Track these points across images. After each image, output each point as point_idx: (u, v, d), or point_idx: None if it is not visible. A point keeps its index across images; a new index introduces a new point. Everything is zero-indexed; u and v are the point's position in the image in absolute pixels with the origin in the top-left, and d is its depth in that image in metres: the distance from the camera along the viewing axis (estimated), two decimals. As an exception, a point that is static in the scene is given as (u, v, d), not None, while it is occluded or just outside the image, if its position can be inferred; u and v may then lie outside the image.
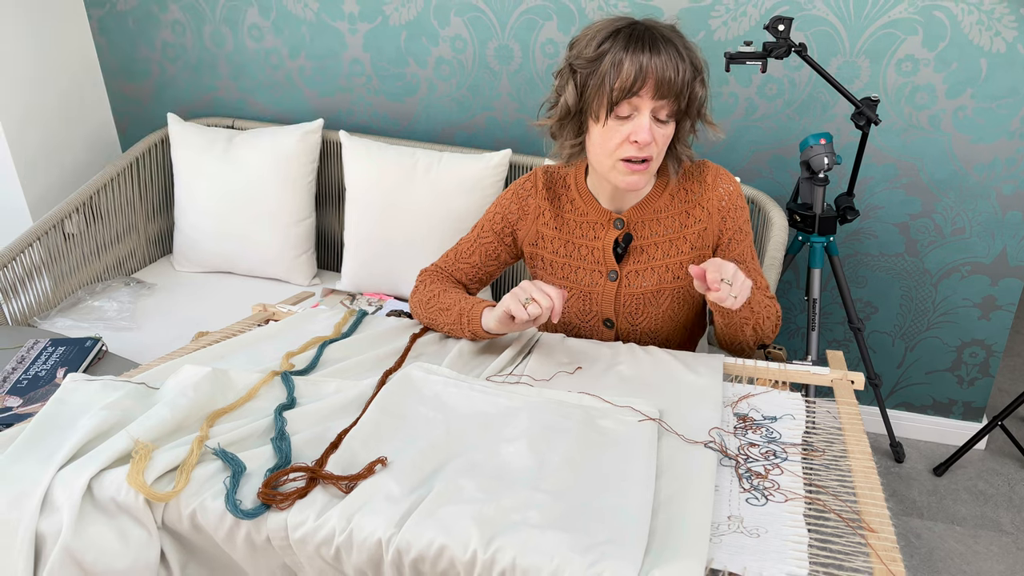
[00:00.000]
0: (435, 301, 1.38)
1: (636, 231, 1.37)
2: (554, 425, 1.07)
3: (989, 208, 2.08)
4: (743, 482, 1.00)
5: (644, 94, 1.18)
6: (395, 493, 0.91)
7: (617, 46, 1.18)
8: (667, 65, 1.17)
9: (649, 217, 1.36)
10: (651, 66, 1.16)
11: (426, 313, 1.40)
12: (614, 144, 1.23)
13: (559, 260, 1.41)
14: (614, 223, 1.37)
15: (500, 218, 1.44)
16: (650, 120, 1.20)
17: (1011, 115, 1.97)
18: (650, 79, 1.17)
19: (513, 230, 1.44)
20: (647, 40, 1.18)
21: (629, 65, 1.17)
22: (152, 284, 2.32)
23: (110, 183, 2.33)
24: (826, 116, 2.08)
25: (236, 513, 0.88)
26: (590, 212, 1.38)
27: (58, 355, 1.77)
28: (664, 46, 1.17)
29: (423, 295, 1.42)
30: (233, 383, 1.14)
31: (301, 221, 2.31)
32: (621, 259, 1.37)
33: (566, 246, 1.40)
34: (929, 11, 1.91)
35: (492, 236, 1.46)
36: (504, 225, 1.44)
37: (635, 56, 1.17)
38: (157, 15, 2.45)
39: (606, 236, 1.37)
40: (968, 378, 2.31)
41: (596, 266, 1.38)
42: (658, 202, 1.36)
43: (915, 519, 2.11)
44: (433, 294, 1.40)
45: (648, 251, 1.37)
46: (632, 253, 1.37)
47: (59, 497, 0.90)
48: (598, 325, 1.42)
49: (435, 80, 2.31)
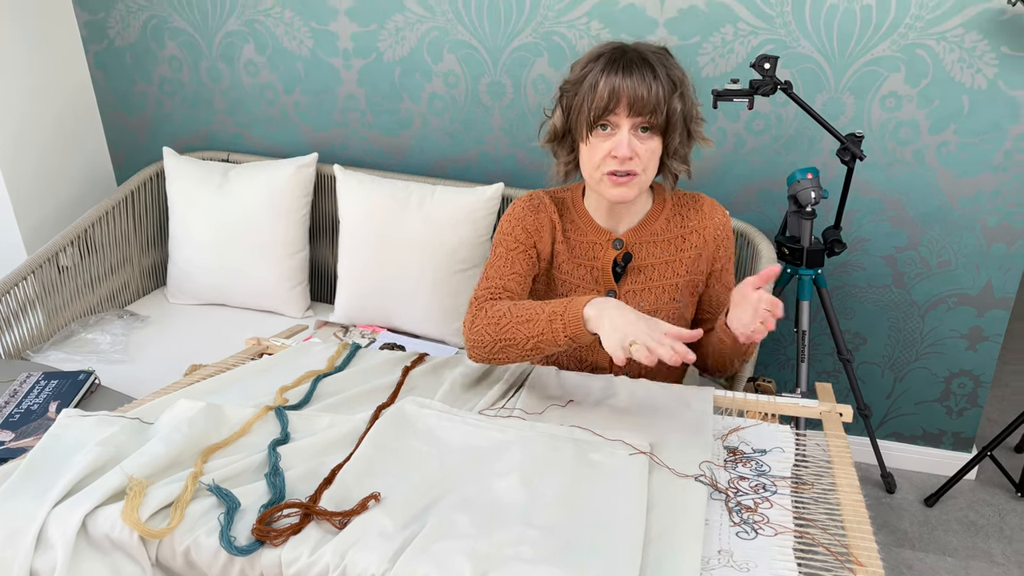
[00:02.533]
0: (508, 316, 1.26)
1: (634, 252, 1.40)
2: (546, 459, 1.08)
3: (974, 240, 2.11)
4: (733, 516, 1.01)
5: (620, 112, 1.25)
6: (388, 529, 0.91)
7: (596, 69, 1.26)
8: (639, 84, 1.23)
9: (647, 239, 1.41)
10: (623, 86, 1.23)
11: (498, 333, 1.27)
12: (598, 159, 1.29)
13: (560, 276, 1.44)
14: (613, 243, 1.40)
15: (520, 230, 1.40)
16: (629, 135, 1.26)
17: (993, 150, 2.01)
18: (623, 98, 1.24)
19: (535, 241, 1.41)
20: (623, 62, 1.25)
21: (603, 86, 1.24)
22: (146, 316, 2.32)
23: (105, 216, 2.34)
24: (813, 151, 2.12)
25: (230, 550, 0.88)
26: (589, 232, 1.42)
27: (51, 388, 1.77)
28: (639, 66, 1.24)
29: (490, 317, 1.29)
30: (227, 418, 1.15)
31: (295, 254, 2.32)
32: (619, 278, 1.40)
33: (568, 262, 1.43)
34: (911, 49, 1.96)
35: (519, 247, 1.40)
36: (526, 235, 1.40)
37: (609, 78, 1.24)
38: (155, 51, 2.49)
39: (605, 255, 1.40)
40: (957, 408, 2.32)
41: (595, 285, 1.42)
42: (655, 224, 1.41)
43: (907, 550, 2.11)
44: (503, 311, 1.28)
45: (646, 272, 1.41)
46: (630, 273, 1.41)
47: (53, 534, 0.90)
48: (594, 344, 1.44)
49: (428, 115, 2.34)
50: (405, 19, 2.24)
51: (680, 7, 2.05)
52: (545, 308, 1.22)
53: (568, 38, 2.15)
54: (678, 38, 2.08)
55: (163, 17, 2.43)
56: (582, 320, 1.18)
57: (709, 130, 2.16)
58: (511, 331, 1.25)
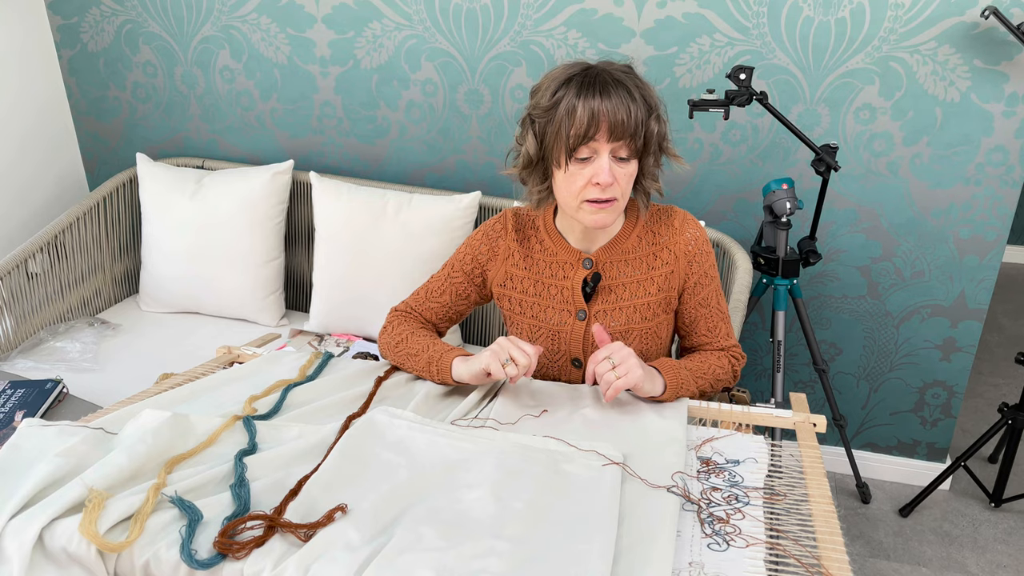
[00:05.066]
0: (403, 345, 1.40)
1: (604, 271, 1.38)
2: (518, 470, 1.06)
3: (947, 252, 2.13)
4: (705, 527, 1.00)
5: (600, 137, 1.21)
6: (354, 541, 0.90)
7: (570, 93, 1.22)
8: (619, 108, 1.20)
9: (617, 258, 1.38)
10: (603, 110, 1.20)
11: (395, 356, 1.42)
12: (578, 187, 1.25)
13: (528, 299, 1.42)
14: (583, 262, 1.38)
15: (470, 259, 1.45)
16: (609, 161, 1.23)
17: (966, 162, 2.03)
18: (603, 123, 1.20)
19: (483, 271, 1.45)
20: (598, 85, 1.21)
21: (582, 111, 1.20)
22: (117, 324, 2.29)
23: (76, 222, 2.31)
24: (788, 161, 2.13)
25: (191, 563, 0.86)
26: (559, 252, 1.40)
27: (17, 397, 1.74)
28: (615, 89, 1.21)
29: (392, 337, 1.43)
30: (194, 428, 1.13)
31: (270, 262, 2.30)
32: (590, 299, 1.39)
33: (535, 285, 1.41)
34: (885, 62, 1.98)
35: (462, 276, 1.46)
36: (474, 266, 1.45)
37: (587, 102, 1.20)
38: (128, 56, 2.46)
39: (575, 275, 1.39)
40: (931, 419, 2.34)
41: (565, 305, 1.39)
42: (626, 243, 1.38)
43: (882, 560, 2.11)
44: (402, 337, 1.41)
45: (616, 291, 1.38)
46: (601, 293, 1.39)
47: (9, 547, 0.88)
48: (566, 365, 1.43)
49: (406, 123, 2.33)
50: (383, 27, 2.23)
51: (657, 18, 2.06)
52: (427, 351, 1.36)
53: (546, 47, 2.15)
54: (655, 48, 2.09)
55: (138, 22, 2.41)
56: (451, 375, 1.32)
57: (686, 140, 2.16)
58: (403, 359, 1.40)
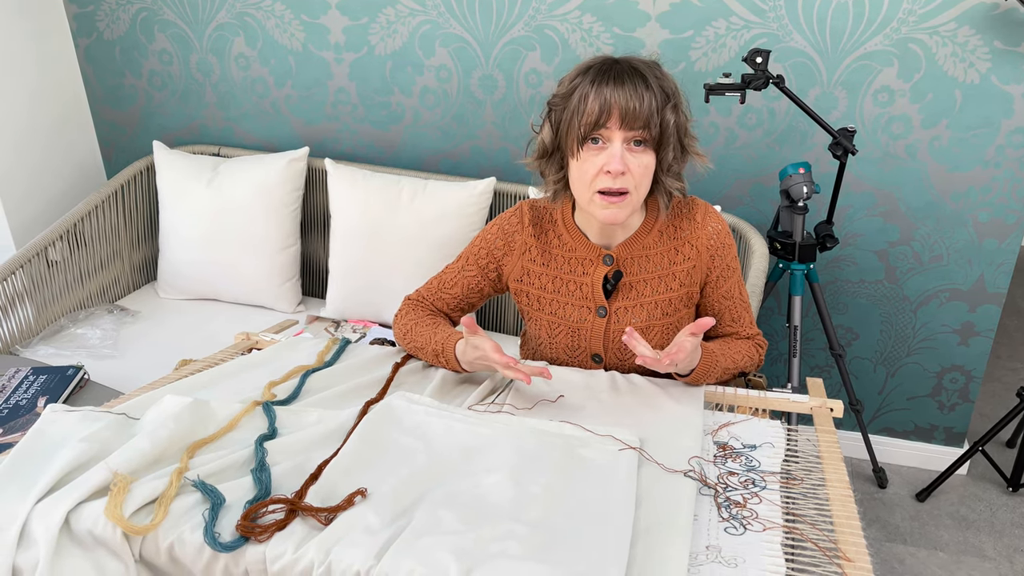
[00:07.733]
0: (411, 335, 1.41)
1: (625, 267, 1.36)
2: (535, 455, 1.07)
3: (966, 236, 2.11)
4: (722, 511, 1.00)
5: (612, 125, 1.21)
6: (374, 525, 0.91)
7: (585, 82, 1.22)
8: (631, 96, 1.19)
9: (638, 253, 1.36)
10: (614, 98, 1.19)
11: (407, 345, 1.43)
12: (590, 176, 1.24)
13: (547, 296, 1.40)
14: (603, 259, 1.36)
15: (485, 252, 1.44)
16: (622, 149, 1.21)
17: (985, 144, 2.01)
18: (615, 110, 1.20)
19: (498, 265, 1.44)
20: (613, 74, 1.21)
21: (594, 99, 1.20)
22: (136, 311, 2.31)
23: (95, 210, 2.33)
24: (805, 145, 2.11)
25: (214, 546, 0.87)
26: (578, 248, 1.38)
27: (39, 384, 1.76)
28: (630, 77, 1.21)
29: (403, 325, 1.44)
30: (214, 413, 1.14)
31: (286, 248, 2.31)
32: (610, 295, 1.37)
33: (554, 282, 1.39)
34: (904, 43, 1.96)
35: (476, 270, 1.45)
36: (489, 260, 1.44)
37: (600, 90, 1.20)
38: (144, 44, 2.47)
39: (595, 272, 1.36)
40: (949, 403, 2.33)
41: (585, 302, 1.37)
42: (647, 238, 1.36)
43: (898, 545, 2.11)
44: (410, 327, 1.42)
45: (637, 288, 1.36)
46: (621, 289, 1.36)
47: (36, 530, 0.89)
48: (586, 360, 1.42)
49: (420, 109, 2.33)
50: (397, 13, 2.23)
51: (673, 1, 2.04)
52: (432, 343, 1.36)
53: (560, 32, 2.14)
54: (670, 32, 2.07)
55: (153, 10, 2.42)
56: (458, 364, 1.33)
57: (701, 124, 2.15)
58: (413, 347, 1.41)
